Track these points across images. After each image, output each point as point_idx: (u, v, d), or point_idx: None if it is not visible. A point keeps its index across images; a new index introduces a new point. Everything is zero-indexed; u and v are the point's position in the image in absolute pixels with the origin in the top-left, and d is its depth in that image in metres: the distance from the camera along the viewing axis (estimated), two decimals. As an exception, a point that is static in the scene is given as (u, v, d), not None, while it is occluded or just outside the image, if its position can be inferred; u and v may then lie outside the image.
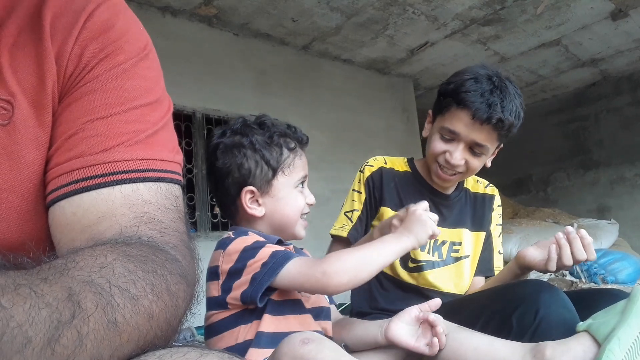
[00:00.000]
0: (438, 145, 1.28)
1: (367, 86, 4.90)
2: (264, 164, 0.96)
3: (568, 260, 1.08)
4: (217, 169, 0.98)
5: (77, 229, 0.53)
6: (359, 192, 1.37)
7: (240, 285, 0.85)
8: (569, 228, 1.11)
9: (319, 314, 0.95)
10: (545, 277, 3.57)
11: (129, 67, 0.58)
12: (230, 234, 0.92)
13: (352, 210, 1.36)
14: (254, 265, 0.84)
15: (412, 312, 0.92)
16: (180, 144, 3.53)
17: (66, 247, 0.53)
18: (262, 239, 0.90)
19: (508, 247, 3.81)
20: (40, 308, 0.35)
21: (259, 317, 0.86)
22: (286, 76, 4.23)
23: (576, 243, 1.09)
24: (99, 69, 0.56)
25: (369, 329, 0.96)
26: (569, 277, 3.61)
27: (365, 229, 1.35)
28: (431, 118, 1.35)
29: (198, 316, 0.81)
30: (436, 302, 0.93)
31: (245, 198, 0.96)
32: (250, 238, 0.89)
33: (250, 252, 0.86)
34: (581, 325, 0.87)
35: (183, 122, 3.56)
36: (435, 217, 0.99)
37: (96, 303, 0.40)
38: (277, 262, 0.83)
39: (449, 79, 1.29)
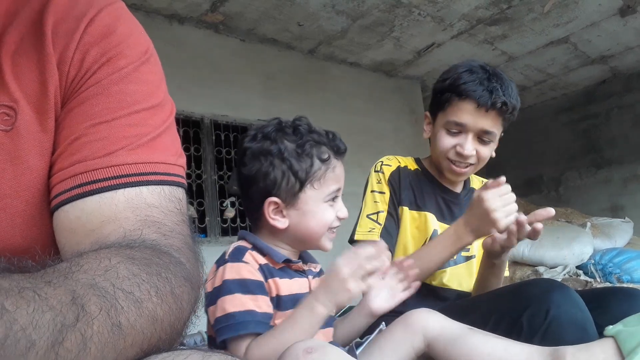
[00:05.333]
0: (446, 140, 1.28)
1: (374, 89, 4.88)
2: (291, 175, 0.89)
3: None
4: (244, 175, 0.93)
5: (81, 233, 0.53)
6: (382, 193, 1.33)
7: (211, 315, 0.83)
8: (522, 217, 1.11)
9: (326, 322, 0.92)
10: (559, 277, 3.52)
11: (131, 71, 0.58)
12: (227, 252, 0.88)
13: (377, 212, 1.31)
14: (219, 306, 0.81)
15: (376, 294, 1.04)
16: (189, 150, 3.50)
17: (71, 251, 0.53)
18: (247, 276, 0.83)
19: (520, 247, 3.76)
20: (44, 311, 0.35)
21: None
22: (293, 80, 4.23)
23: (522, 230, 1.10)
24: (100, 73, 0.56)
25: (354, 321, 1.02)
26: (583, 277, 3.55)
27: (396, 227, 1.32)
28: (430, 119, 1.36)
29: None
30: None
31: (269, 209, 0.91)
32: (238, 269, 0.84)
33: (226, 288, 0.82)
34: (610, 329, 0.80)
35: (191, 128, 3.58)
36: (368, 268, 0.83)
37: (100, 306, 0.39)
38: (225, 327, 0.80)
39: (442, 76, 1.32)
